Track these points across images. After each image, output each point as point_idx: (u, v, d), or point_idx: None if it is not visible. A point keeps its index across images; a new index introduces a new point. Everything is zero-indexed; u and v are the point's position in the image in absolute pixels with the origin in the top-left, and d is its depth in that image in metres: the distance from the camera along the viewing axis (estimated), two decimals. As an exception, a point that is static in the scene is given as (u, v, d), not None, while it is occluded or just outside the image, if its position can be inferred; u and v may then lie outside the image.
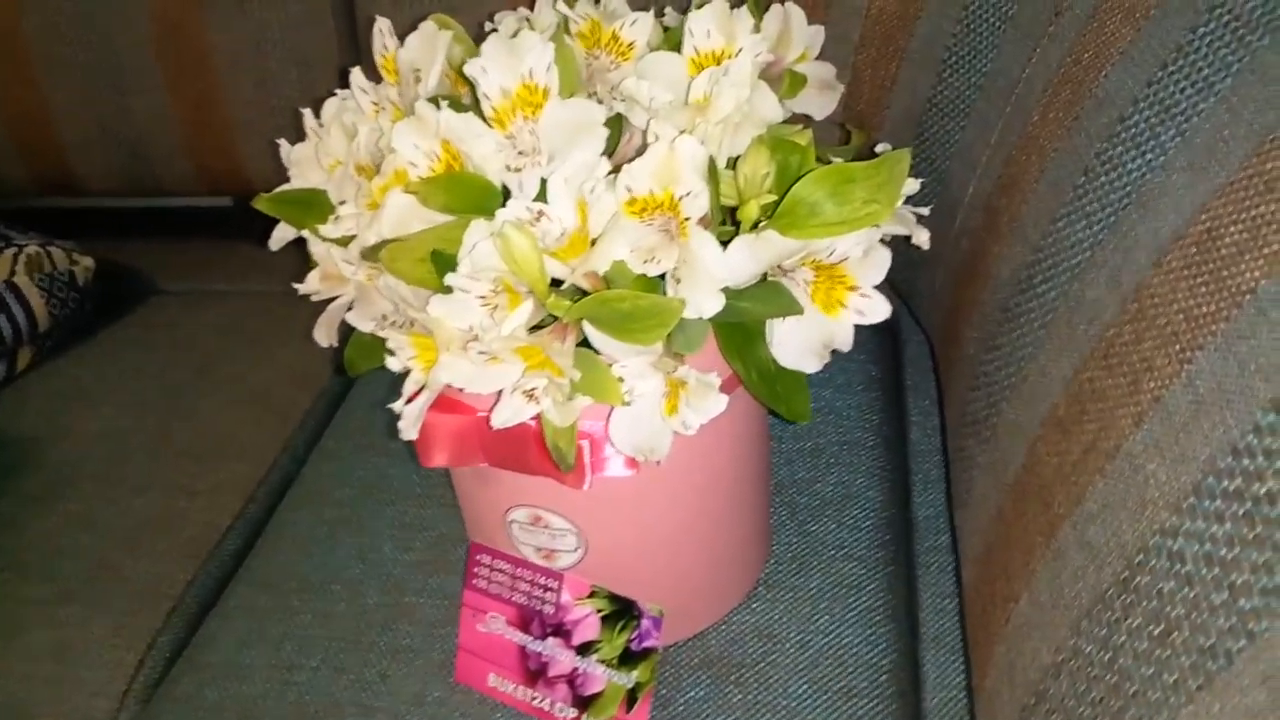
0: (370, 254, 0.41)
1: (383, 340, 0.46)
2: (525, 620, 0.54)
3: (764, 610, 0.58)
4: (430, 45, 0.48)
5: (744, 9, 0.45)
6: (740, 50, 0.44)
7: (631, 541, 0.52)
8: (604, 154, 0.40)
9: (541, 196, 0.41)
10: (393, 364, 0.42)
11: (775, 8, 0.51)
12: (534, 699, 0.54)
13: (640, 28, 0.47)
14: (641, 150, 0.40)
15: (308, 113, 0.49)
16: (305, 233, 0.47)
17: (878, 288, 0.42)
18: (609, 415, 0.42)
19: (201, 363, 0.83)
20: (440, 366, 0.39)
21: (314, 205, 0.47)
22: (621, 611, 0.51)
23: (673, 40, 0.50)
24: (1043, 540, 0.35)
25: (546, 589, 0.53)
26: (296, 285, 0.48)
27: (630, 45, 0.48)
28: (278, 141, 0.52)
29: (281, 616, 0.61)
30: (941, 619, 0.58)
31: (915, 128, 0.62)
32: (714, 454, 0.50)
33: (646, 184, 0.38)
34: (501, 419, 0.41)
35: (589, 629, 0.52)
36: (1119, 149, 0.39)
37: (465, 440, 0.48)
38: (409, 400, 0.43)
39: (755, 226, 0.40)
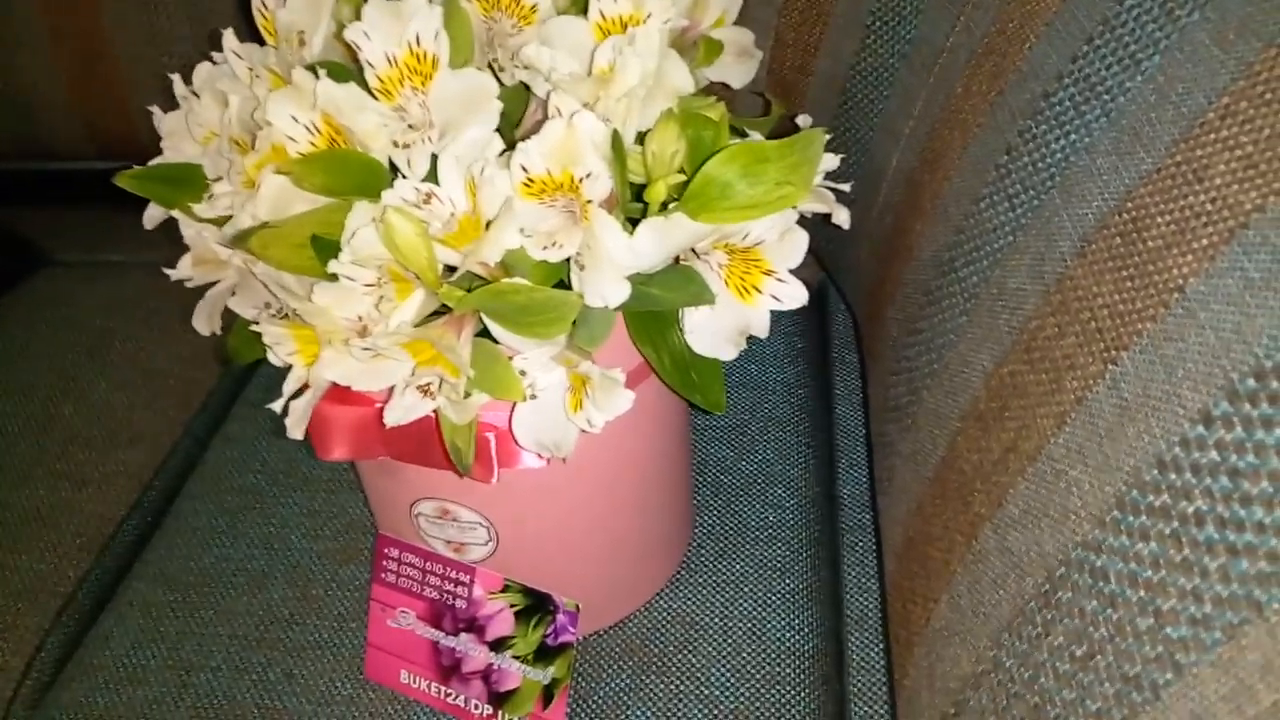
0: (240, 240, 0.38)
1: (268, 330, 0.42)
2: (437, 615, 0.51)
3: (686, 596, 0.56)
4: (315, 5, 0.44)
5: (652, -29, 0.42)
6: (649, 16, 0.41)
7: (545, 533, 0.49)
8: (504, 129, 0.37)
9: (433, 176, 0.38)
10: (272, 358, 0.39)
11: (690, -32, 0.48)
12: (448, 695, 0.52)
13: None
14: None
15: (177, 78, 0.45)
16: (176, 213, 0.43)
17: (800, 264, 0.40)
18: (513, 409, 0.40)
19: (94, 341, 0.78)
20: (322, 363, 0.36)
21: (187, 182, 0.43)
22: (536, 606, 0.49)
23: (581, 3, 0.47)
24: (963, 540, 0.34)
25: (458, 583, 0.51)
26: (168, 270, 0.44)
27: (533, 8, 0.44)
28: (150, 109, 0.48)
29: (180, 613, 0.58)
30: (865, 598, 0.57)
31: (839, 96, 0.60)
32: (628, 441, 0.48)
33: (543, 163, 0.35)
34: (394, 417, 0.38)
35: (503, 624, 0.50)
36: (1042, 127, 0.37)
37: (364, 432, 0.45)
38: (293, 397, 0.40)
39: (664, 208, 0.38)
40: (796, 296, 0.39)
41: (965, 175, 0.42)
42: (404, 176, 0.37)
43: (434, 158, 0.38)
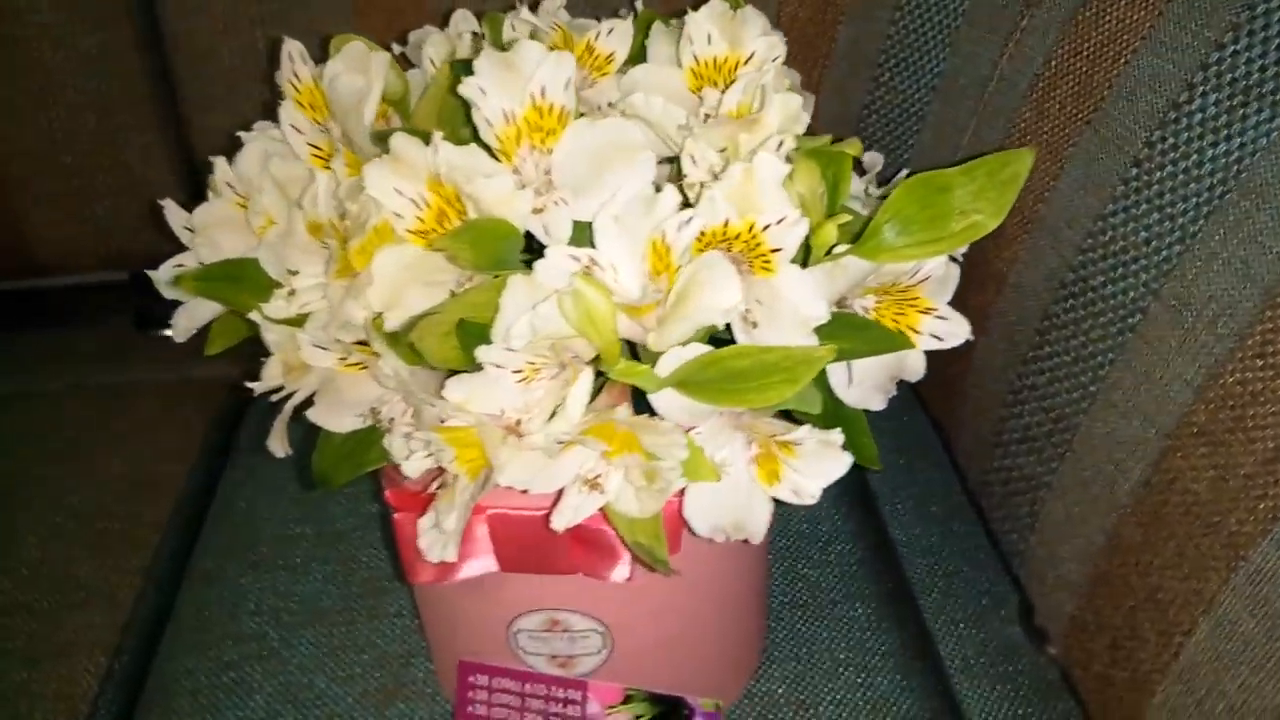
0: (400, 334, 0.32)
1: (368, 441, 0.36)
2: (542, 745, 0.45)
3: (783, 676, 0.52)
4: (363, 69, 0.39)
5: (749, 8, 0.39)
6: (751, 55, 0.39)
7: (665, 629, 0.44)
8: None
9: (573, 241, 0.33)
10: (411, 469, 0.33)
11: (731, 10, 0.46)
12: (563, 835, 0.45)
13: (619, 36, 0.41)
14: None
15: (220, 162, 0.38)
16: (255, 315, 0.36)
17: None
18: (682, 494, 0.35)
19: (3, 484, 0.67)
20: (500, 467, 0.31)
21: (243, 280, 0.37)
22: (667, 713, 0.44)
23: (635, 49, 0.44)
24: (1222, 564, 0.32)
25: (567, 702, 0.45)
26: (251, 384, 0.37)
27: (609, 58, 0.41)
28: (162, 203, 0.41)
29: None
30: (963, 646, 0.55)
31: (851, 134, 0.59)
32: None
33: (723, 213, 0.32)
34: (564, 520, 0.33)
35: (627, 741, 0.45)
36: (1183, 135, 0.37)
37: (472, 545, 0.39)
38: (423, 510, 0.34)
39: (829, 252, 0.35)
40: (959, 331, 0.37)
41: (1073, 195, 0.42)
42: (550, 246, 0.33)
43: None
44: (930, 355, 0.40)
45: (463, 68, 0.38)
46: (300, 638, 0.56)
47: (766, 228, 0.32)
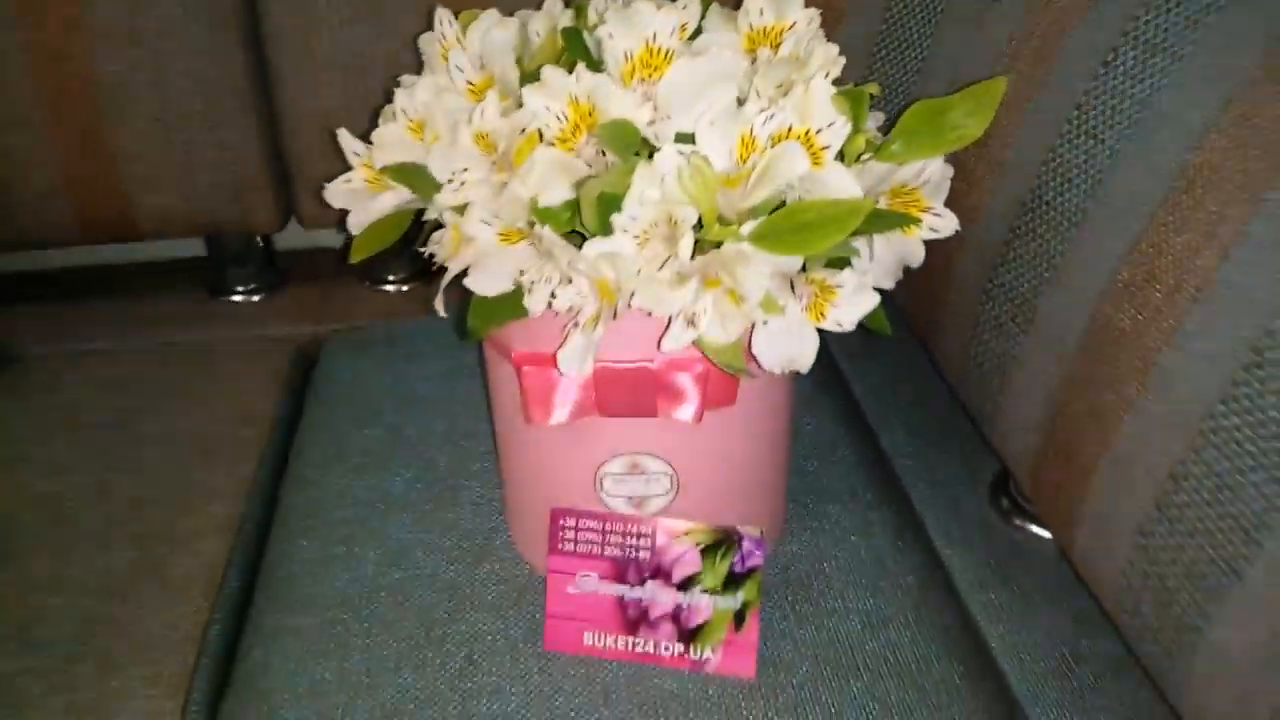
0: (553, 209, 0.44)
1: (510, 301, 0.48)
2: (620, 572, 0.57)
3: (799, 540, 0.64)
4: (505, 29, 0.51)
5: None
6: (793, 24, 0.52)
7: (720, 472, 0.56)
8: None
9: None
10: (563, 300, 0.45)
11: None
12: (636, 645, 0.57)
13: (691, 11, 0.54)
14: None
15: (400, 92, 0.50)
16: (441, 213, 0.48)
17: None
18: (750, 333, 0.47)
19: (116, 416, 0.77)
20: (636, 293, 0.43)
21: (419, 178, 0.49)
22: (720, 540, 0.56)
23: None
24: (1140, 368, 0.45)
25: (640, 536, 0.56)
26: (422, 249, 0.49)
27: (683, 27, 0.54)
28: (337, 131, 0.53)
29: (335, 631, 0.59)
30: (946, 523, 0.67)
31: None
32: (782, 376, 0.56)
33: (790, 119, 0.44)
34: (672, 343, 0.45)
35: (689, 564, 0.56)
36: (1111, 83, 0.50)
37: (582, 394, 0.51)
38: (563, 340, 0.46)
39: (858, 159, 0.48)
40: (950, 225, 0.50)
41: (1031, 140, 0.55)
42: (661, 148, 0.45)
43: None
44: (919, 277, 0.53)
45: (567, 33, 0.50)
46: (395, 521, 0.67)
47: (819, 131, 0.45)
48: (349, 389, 0.79)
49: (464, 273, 0.49)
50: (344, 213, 0.55)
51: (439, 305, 0.52)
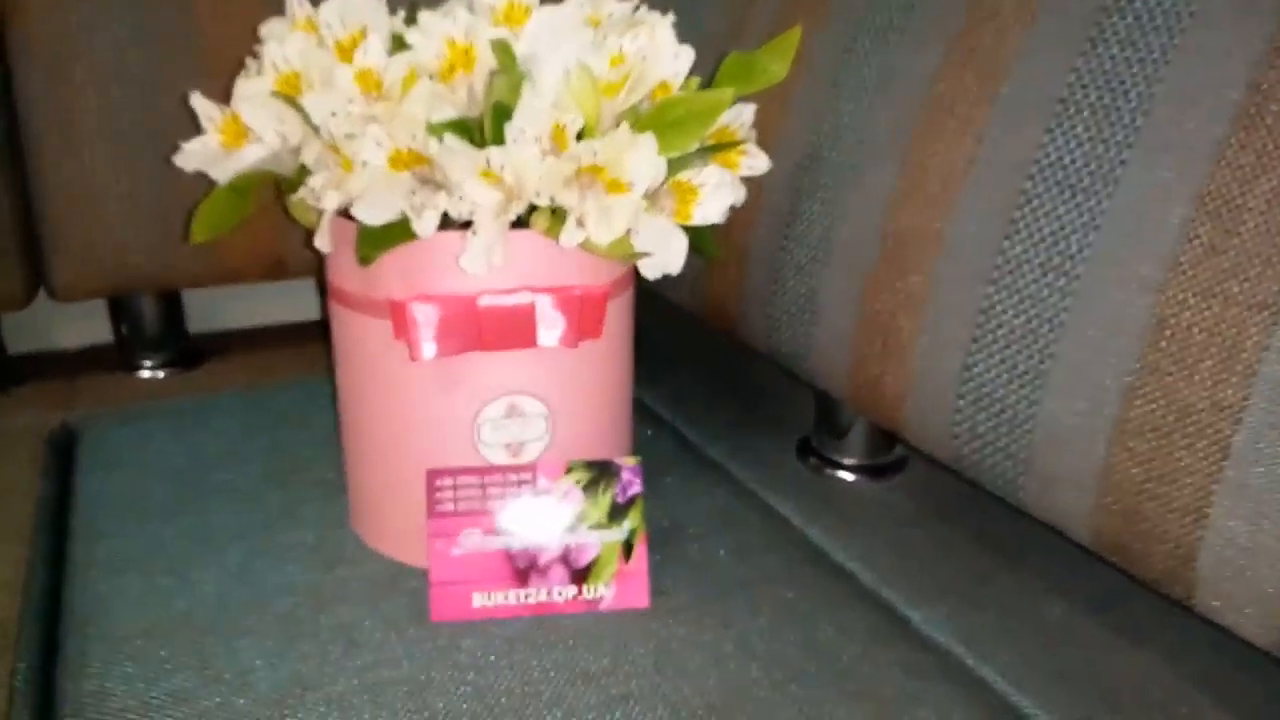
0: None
1: (394, 230, 0.50)
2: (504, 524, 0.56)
3: (651, 500, 0.67)
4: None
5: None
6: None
7: (589, 407, 0.59)
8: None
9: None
10: (459, 211, 0.48)
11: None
12: (528, 596, 0.56)
13: None
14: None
15: (269, 46, 0.52)
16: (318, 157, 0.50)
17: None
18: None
19: None
20: (540, 190, 0.47)
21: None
22: (599, 475, 0.58)
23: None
24: (934, 240, 0.56)
25: (521, 483, 0.57)
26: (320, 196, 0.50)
27: (526, 9, 0.60)
28: (190, 95, 0.53)
29: (180, 648, 0.53)
30: (769, 479, 0.74)
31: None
32: (627, 318, 0.61)
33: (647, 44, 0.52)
34: (567, 240, 0.49)
35: (573, 503, 0.57)
36: (862, 51, 0.64)
37: (465, 325, 0.53)
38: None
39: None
40: (763, 163, 0.60)
41: (802, 106, 0.68)
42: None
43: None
44: (716, 266, 0.62)
45: None
46: (228, 549, 0.61)
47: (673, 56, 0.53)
48: (131, 456, 0.72)
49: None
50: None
51: (323, 242, 0.52)
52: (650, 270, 0.53)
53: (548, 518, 0.57)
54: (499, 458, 0.57)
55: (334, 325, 0.60)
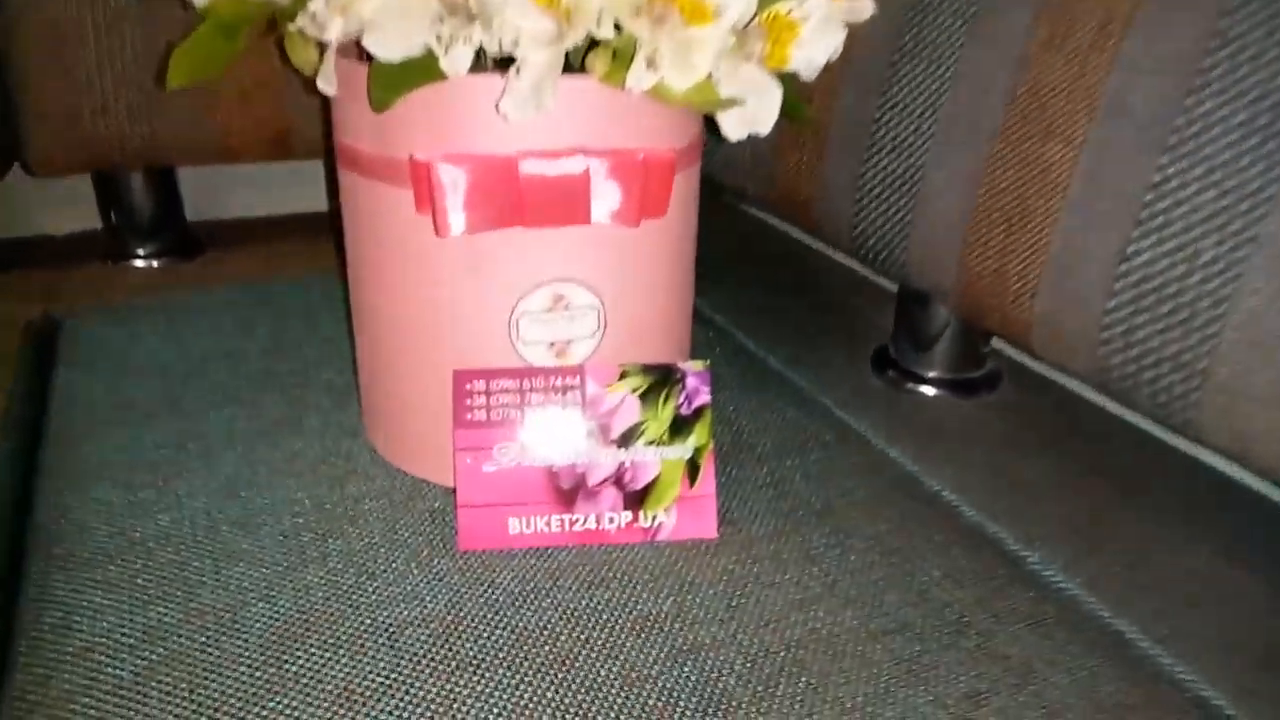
0: None
1: (416, 67, 0.40)
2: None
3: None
4: None
5: None
6: None
7: (648, 301, 0.49)
8: None
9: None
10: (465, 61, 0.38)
11: None
12: (574, 523, 0.47)
13: None
14: None
15: None
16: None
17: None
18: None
19: None
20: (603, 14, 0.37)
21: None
22: (660, 381, 0.48)
23: None
24: (1086, 103, 0.45)
25: (567, 389, 0.48)
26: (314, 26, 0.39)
27: None
28: None
29: (160, 575, 0.44)
30: (842, 392, 0.64)
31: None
32: (692, 202, 0.51)
33: None
34: (635, 83, 0.39)
35: (629, 414, 0.48)
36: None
37: (502, 193, 0.43)
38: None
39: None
40: (867, 8, 0.48)
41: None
42: None
43: None
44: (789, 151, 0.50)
45: None
46: (219, 458, 0.52)
47: None
48: (115, 353, 0.63)
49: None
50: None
51: (326, 82, 0.42)
52: (736, 126, 0.43)
53: (598, 430, 0.47)
54: (541, 358, 0.48)
55: (344, 198, 0.50)
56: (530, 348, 0.48)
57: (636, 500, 0.48)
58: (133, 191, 0.79)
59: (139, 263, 0.79)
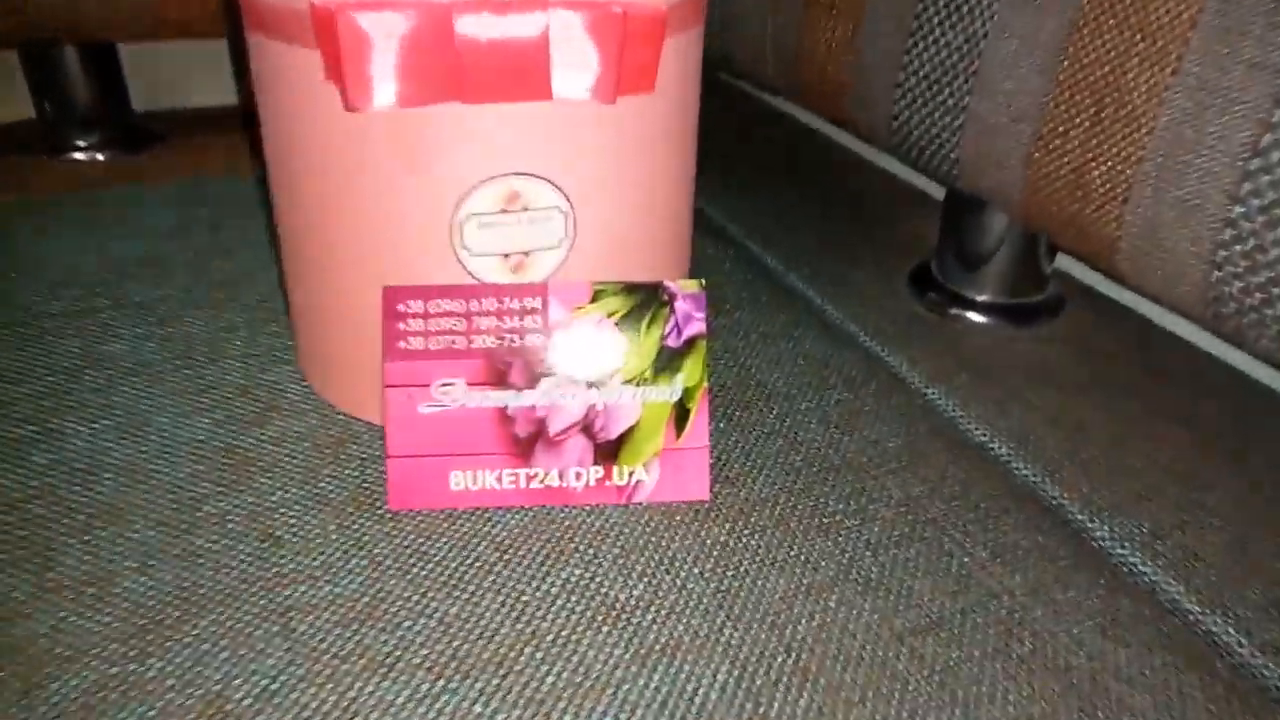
0: None
1: None
2: (499, 373, 0.38)
3: (716, 340, 0.48)
4: None
5: None
6: None
7: (629, 205, 0.39)
8: None
9: None
10: None
11: None
12: (531, 479, 0.38)
13: None
14: None
15: None
16: None
17: None
18: None
19: None
20: None
21: None
22: (644, 304, 0.38)
23: None
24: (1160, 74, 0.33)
25: (525, 312, 0.38)
26: None
27: None
28: None
29: (9, 538, 0.36)
30: (874, 321, 0.54)
31: None
32: (682, 91, 0.40)
33: None
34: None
35: (601, 344, 0.38)
36: None
37: (437, 56, 0.33)
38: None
39: None
40: None
41: None
42: None
43: None
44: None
45: None
46: (118, 390, 0.44)
47: None
48: (25, 257, 0.55)
49: None
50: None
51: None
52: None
53: (563, 364, 0.38)
54: (492, 273, 0.38)
55: (253, 68, 0.39)
56: (479, 260, 0.38)
57: (609, 452, 0.38)
58: (67, 75, 0.69)
59: (79, 155, 0.70)
